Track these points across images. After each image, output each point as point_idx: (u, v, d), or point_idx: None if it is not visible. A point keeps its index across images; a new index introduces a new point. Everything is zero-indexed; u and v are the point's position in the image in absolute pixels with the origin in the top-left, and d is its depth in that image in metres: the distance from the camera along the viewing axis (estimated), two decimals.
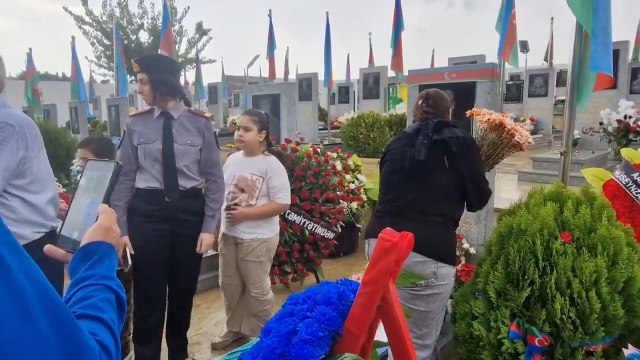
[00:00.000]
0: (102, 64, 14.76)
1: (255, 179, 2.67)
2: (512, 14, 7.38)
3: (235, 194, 2.68)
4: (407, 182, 1.99)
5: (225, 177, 2.67)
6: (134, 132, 2.38)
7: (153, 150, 2.36)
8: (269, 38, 11.92)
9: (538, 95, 10.46)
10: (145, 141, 2.36)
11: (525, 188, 4.94)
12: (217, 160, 2.50)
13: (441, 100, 2.18)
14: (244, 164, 2.72)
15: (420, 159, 1.94)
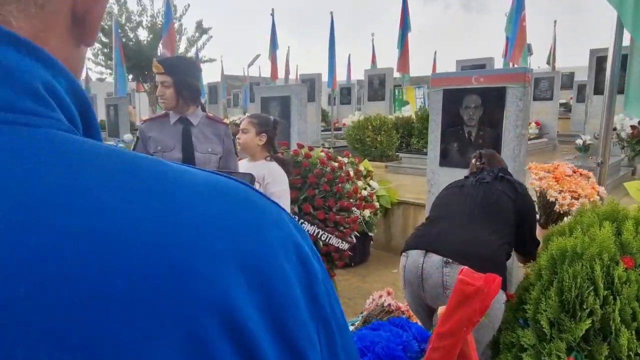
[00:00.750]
0: (100, 62, 14.50)
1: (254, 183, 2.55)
2: (522, 16, 7.24)
3: None
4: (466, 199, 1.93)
5: None
6: (149, 139, 2.24)
7: (172, 160, 2.21)
8: (271, 38, 11.72)
9: (543, 99, 10.33)
10: (163, 149, 2.23)
11: None
12: (235, 168, 2.44)
13: (494, 158, 2.18)
14: (245, 168, 2.59)
15: (485, 181, 1.87)
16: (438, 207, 2.09)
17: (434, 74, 3.34)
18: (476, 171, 2.12)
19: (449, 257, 1.81)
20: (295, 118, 4.33)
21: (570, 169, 2.13)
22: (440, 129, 3.18)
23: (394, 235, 4.77)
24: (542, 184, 2.01)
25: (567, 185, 1.98)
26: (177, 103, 2.24)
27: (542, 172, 2.03)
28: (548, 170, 2.06)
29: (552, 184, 1.99)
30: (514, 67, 2.40)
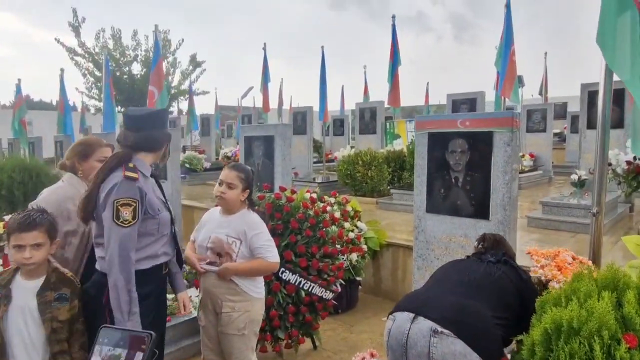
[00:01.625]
0: (93, 96, 14.50)
1: (231, 241, 2.34)
2: (511, 50, 7.24)
3: (213, 260, 2.36)
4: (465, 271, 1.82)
5: (200, 237, 2.41)
6: (149, 201, 1.99)
7: (166, 220, 2.09)
8: (263, 71, 11.77)
9: (537, 131, 10.28)
10: (161, 210, 2.05)
11: (538, 237, 4.59)
12: None
13: (500, 243, 2.09)
14: (220, 223, 2.40)
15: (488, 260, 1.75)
16: (434, 276, 1.94)
17: (419, 117, 3.22)
18: (477, 252, 1.99)
19: (439, 323, 1.65)
20: (279, 158, 4.18)
21: (570, 256, 1.98)
22: (426, 173, 3.02)
23: (383, 278, 4.55)
24: (545, 272, 1.85)
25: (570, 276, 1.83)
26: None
27: (542, 258, 1.88)
28: (548, 257, 1.91)
29: (556, 274, 1.83)
30: (501, 112, 2.28)
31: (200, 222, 2.52)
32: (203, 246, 2.39)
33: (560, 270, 1.89)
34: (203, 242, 2.39)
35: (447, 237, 2.95)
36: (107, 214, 1.89)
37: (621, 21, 2.35)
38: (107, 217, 1.89)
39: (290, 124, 4.35)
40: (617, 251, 4.09)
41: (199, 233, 2.46)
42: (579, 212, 4.92)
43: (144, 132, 2.05)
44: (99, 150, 2.34)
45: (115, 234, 1.88)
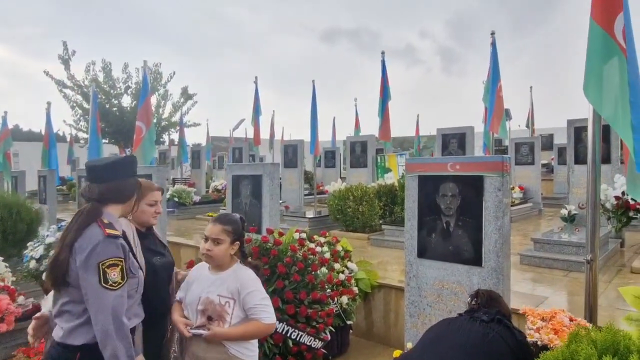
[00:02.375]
0: (81, 128, 14.41)
1: (224, 302, 2.11)
2: (498, 86, 7.36)
3: (203, 324, 2.12)
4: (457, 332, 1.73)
5: (189, 298, 2.18)
6: (130, 257, 1.88)
7: (141, 278, 2.00)
8: (254, 104, 11.83)
9: (525, 164, 10.37)
10: (140, 266, 2.00)
11: (532, 277, 4.51)
12: None
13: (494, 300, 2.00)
14: (210, 281, 2.18)
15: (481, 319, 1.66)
16: (427, 337, 1.84)
17: (409, 159, 3.18)
18: (470, 310, 1.89)
19: None
20: (266, 198, 4.10)
21: (567, 318, 1.90)
22: (417, 217, 2.95)
23: (375, 321, 4.40)
24: (542, 336, 1.76)
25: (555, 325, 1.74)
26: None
27: (538, 320, 1.80)
28: (544, 318, 1.83)
29: (553, 338, 1.74)
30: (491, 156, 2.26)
31: (188, 279, 2.30)
32: (193, 308, 2.15)
33: (557, 334, 1.80)
34: (192, 304, 2.16)
35: (440, 284, 2.85)
36: (90, 278, 1.72)
37: (608, 68, 2.36)
38: (91, 283, 1.72)
39: (278, 163, 4.29)
40: (611, 291, 4.01)
41: (187, 292, 2.23)
42: (571, 249, 4.87)
43: (109, 182, 1.91)
44: (149, 195, 2.31)
45: (106, 300, 1.72)
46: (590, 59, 2.38)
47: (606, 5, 2.35)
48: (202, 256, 2.18)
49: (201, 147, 15.14)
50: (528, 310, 1.96)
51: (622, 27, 2.34)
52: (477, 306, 1.92)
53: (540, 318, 1.87)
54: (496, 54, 7.31)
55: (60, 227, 5.09)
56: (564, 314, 1.94)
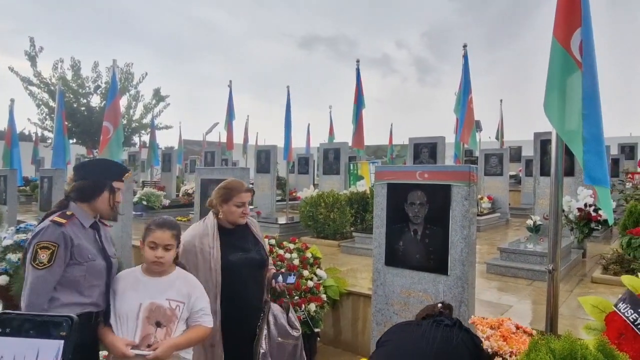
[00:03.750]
0: (47, 127, 13.89)
1: (174, 305, 2.02)
2: (469, 98, 7.54)
3: (147, 334, 1.96)
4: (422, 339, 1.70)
5: (124, 308, 1.99)
6: (77, 247, 1.97)
7: (99, 268, 2.02)
8: (228, 108, 11.72)
9: (494, 174, 10.62)
10: (92, 258, 2.02)
11: (497, 285, 4.59)
12: None
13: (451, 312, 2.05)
14: (154, 286, 2.04)
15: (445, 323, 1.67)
16: (390, 343, 1.81)
17: (378, 167, 3.18)
18: (432, 314, 1.89)
19: None
20: None
21: (514, 326, 1.93)
22: (385, 224, 2.95)
23: (343, 329, 4.38)
24: (492, 343, 1.78)
25: (515, 346, 1.76)
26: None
27: (487, 328, 1.82)
28: (492, 326, 1.86)
29: (502, 345, 1.76)
30: (459, 165, 2.30)
31: (113, 290, 2.07)
32: (132, 317, 1.98)
33: (505, 340, 1.82)
34: (131, 312, 1.98)
35: (407, 292, 2.85)
36: (27, 255, 1.93)
37: (570, 83, 2.43)
38: (27, 259, 1.93)
39: (249, 168, 4.22)
40: (572, 300, 4.12)
41: (116, 303, 2.03)
42: (535, 259, 4.99)
43: (76, 182, 2.12)
44: (237, 196, 2.47)
45: (30, 276, 1.91)
46: (551, 76, 2.45)
47: (566, 21, 2.42)
48: (152, 264, 2.05)
49: (173, 150, 14.85)
50: (477, 320, 1.98)
51: (579, 42, 2.41)
52: (441, 310, 1.92)
53: (489, 326, 1.89)
54: (468, 66, 7.49)
55: (19, 228, 4.86)
56: (510, 321, 1.98)
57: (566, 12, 2.36)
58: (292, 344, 2.51)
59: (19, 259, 3.90)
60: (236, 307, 2.38)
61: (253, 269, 2.47)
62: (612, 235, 8.05)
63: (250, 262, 2.45)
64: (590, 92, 2.30)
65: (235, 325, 2.39)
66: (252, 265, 2.46)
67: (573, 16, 2.33)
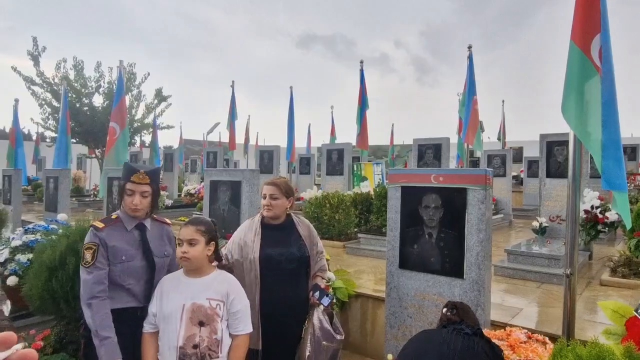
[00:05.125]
0: (49, 127, 13.86)
1: (215, 305, 2.07)
2: (474, 100, 7.54)
3: (192, 334, 2.01)
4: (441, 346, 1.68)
5: (168, 309, 2.05)
6: (112, 248, 2.15)
7: (136, 268, 2.15)
8: (230, 109, 11.71)
9: (497, 176, 10.61)
10: (127, 259, 2.17)
11: (505, 288, 4.59)
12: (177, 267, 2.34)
13: (468, 313, 1.96)
14: (194, 287, 2.11)
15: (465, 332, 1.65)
16: (407, 353, 1.81)
17: (392, 170, 3.18)
18: (447, 322, 1.87)
19: None
20: (246, 205, 4.02)
21: (525, 335, 1.93)
22: (399, 228, 2.95)
23: (352, 331, 4.37)
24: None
25: (523, 354, 1.76)
26: (149, 212, 2.30)
27: (495, 339, 1.81)
28: (501, 338, 1.85)
29: (509, 354, 1.76)
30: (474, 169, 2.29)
31: (159, 293, 2.14)
32: (176, 317, 2.03)
33: (513, 349, 1.82)
34: (175, 313, 2.03)
35: (421, 295, 2.85)
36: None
37: (588, 88, 2.43)
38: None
39: (258, 169, 4.21)
40: (580, 303, 4.12)
41: (161, 304, 2.09)
42: (543, 261, 4.99)
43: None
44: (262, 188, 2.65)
45: (81, 275, 2.12)
46: (569, 79, 2.45)
47: (585, 27, 2.42)
48: (180, 261, 2.13)
49: (174, 150, 14.84)
50: (486, 332, 1.98)
51: (599, 47, 2.42)
52: (457, 318, 1.91)
53: (497, 338, 1.89)
54: (472, 67, 7.49)
55: (27, 229, 4.85)
56: (520, 331, 1.98)
57: (585, 18, 2.36)
58: (335, 348, 2.53)
59: (28, 260, 3.89)
60: (277, 299, 2.47)
61: (292, 264, 2.54)
62: (617, 237, 8.06)
63: (289, 257, 2.52)
64: (609, 98, 2.30)
65: (277, 317, 2.47)
66: (290, 260, 2.52)
67: (592, 21, 2.33)
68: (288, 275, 2.52)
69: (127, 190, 2.23)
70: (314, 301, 2.56)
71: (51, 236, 3.80)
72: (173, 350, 1.99)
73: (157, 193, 2.32)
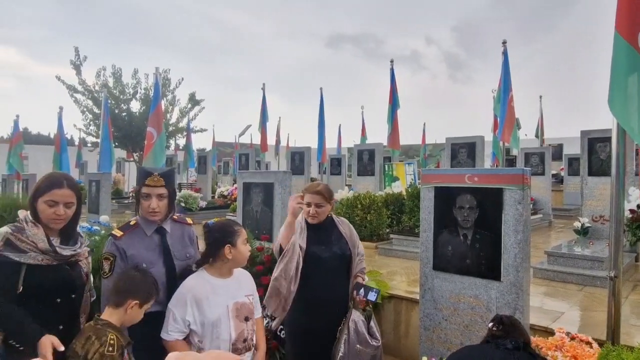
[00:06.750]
0: (91, 133, 14.47)
1: (251, 299, 2.23)
2: (509, 96, 7.32)
3: (241, 330, 2.12)
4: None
5: (213, 313, 2.06)
6: (130, 257, 2.14)
7: (157, 274, 2.13)
8: (261, 110, 11.85)
9: (535, 174, 10.26)
10: (148, 266, 2.13)
11: (545, 291, 4.44)
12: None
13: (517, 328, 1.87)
14: (229, 287, 2.15)
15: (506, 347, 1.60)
16: None
17: (424, 170, 3.14)
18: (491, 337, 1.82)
19: None
20: (278, 207, 4.06)
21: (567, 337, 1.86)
22: (433, 229, 2.90)
23: (385, 332, 4.33)
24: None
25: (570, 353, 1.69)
26: (167, 215, 2.26)
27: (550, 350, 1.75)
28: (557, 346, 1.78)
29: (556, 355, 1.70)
30: (511, 168, 2.23)
31: (194, 300, 2.06)
32: (224, 319, 2.07)
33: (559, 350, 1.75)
34: (222, 316, 2.06)
35: (456, 297, 2.79)
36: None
37: (632, 81, 2.32)
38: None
39: (290, 171, 4.25)
40: (626, 307, 3.93)
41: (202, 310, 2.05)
42: (586, 263, 4.79)
43: None
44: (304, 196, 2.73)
45: (102, 284, 2.13)
46: (615, 72, 2.34)
47: (631, 17, 2.31)
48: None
49: (207, 153, 15.16)
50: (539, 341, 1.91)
51: None
52: (504, 333, 1.84)
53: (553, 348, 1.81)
54: (507, 63, 7.28)
55: None
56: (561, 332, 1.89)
57: (630, 7, 2.25)
58: (370, 353, 2.56)
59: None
60: (320, 292, 2.57)
61: (335, 261, 2.63)
62: None
63: (332, 255, 2.63)
64: None
65: (316, 314, 2.58)
66: (333, 257, 2.63)
67: (639, 11, 2.22)
68: (330, 273, 2.59)
69: (143, 194, 2.20)
70: (359, 299, 2.60)
71: (94, 237, 3.97)
72: (225, 348, 2.06)
73: (173, 195, 2.28)
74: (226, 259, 2.12)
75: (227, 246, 2.10)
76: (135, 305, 1.91)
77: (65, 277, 1.97)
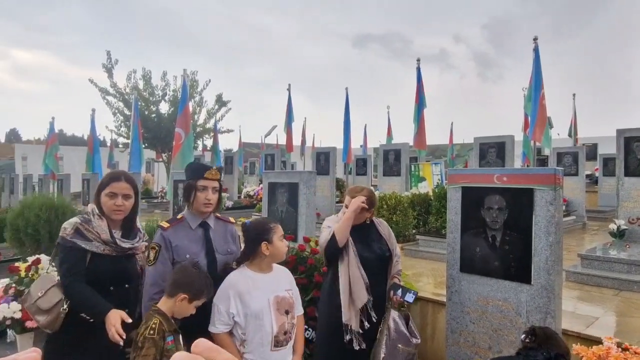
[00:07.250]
0: (122, 134, 14.92)
1: (290, 294, 2.29)
2: (541, 94, 7.11)
3: (282, 322, 2.18)
4: None
5: (256, 306, 2.12)
6: (175, 247, 2.25)
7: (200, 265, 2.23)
8: (287, 111, 11.92)
9: (568, 175, 9.91)
10: (192, 256, 2.25)
11: (578, 295, 4.27)
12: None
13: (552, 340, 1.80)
14: (270, 282, 2.22)
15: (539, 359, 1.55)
16: None
17: (451, 170, 3.07)
18: (523, 349, 1.75)
19: None
20: (303, 207, 4.06)
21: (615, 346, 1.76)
22: (460, 230, 2.84)
23: None
24: None
25: None
26: (216, 208, 2.40)
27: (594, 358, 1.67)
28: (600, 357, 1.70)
29: None
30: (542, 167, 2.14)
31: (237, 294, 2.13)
32: (266, 312, 2.13)
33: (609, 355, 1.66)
34: (264, 309, 2.13)
35: (484, 300, 2.72)
36: None
37: None
38: None
39: (314, 171, 4.25)
40: None
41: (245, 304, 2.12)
42: (622, 267, 4.60)
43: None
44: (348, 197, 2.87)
45: (146, 271, 2.28)
46: None
47: None
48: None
49: (234, 153, 15.35)
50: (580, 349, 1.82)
51: None
52: (537, 345, 1.77)
53: (595, 358, 1.73)
54: (539, 60, 7.07)
55: None
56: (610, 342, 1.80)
57: None
58: (410, 352, 2.58)
59: None
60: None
61: (375, 261, 2.69)
62: None
63: (372, 254, 2.69)
64: None
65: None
66: (374, 257, 2.69)
67: None
68: (369, 272, 2.61)
69: (200, 187, 2.33)
70: (397, 299, 2.64)
71: None
72: (267, 340, 2.12)
73: (221, 190, 2.44)
74: (264, 255, 2.20)
75: (264, 243, 2.18)
76: (185, 299, 2.01)
77: (122, 268, 2.22)
